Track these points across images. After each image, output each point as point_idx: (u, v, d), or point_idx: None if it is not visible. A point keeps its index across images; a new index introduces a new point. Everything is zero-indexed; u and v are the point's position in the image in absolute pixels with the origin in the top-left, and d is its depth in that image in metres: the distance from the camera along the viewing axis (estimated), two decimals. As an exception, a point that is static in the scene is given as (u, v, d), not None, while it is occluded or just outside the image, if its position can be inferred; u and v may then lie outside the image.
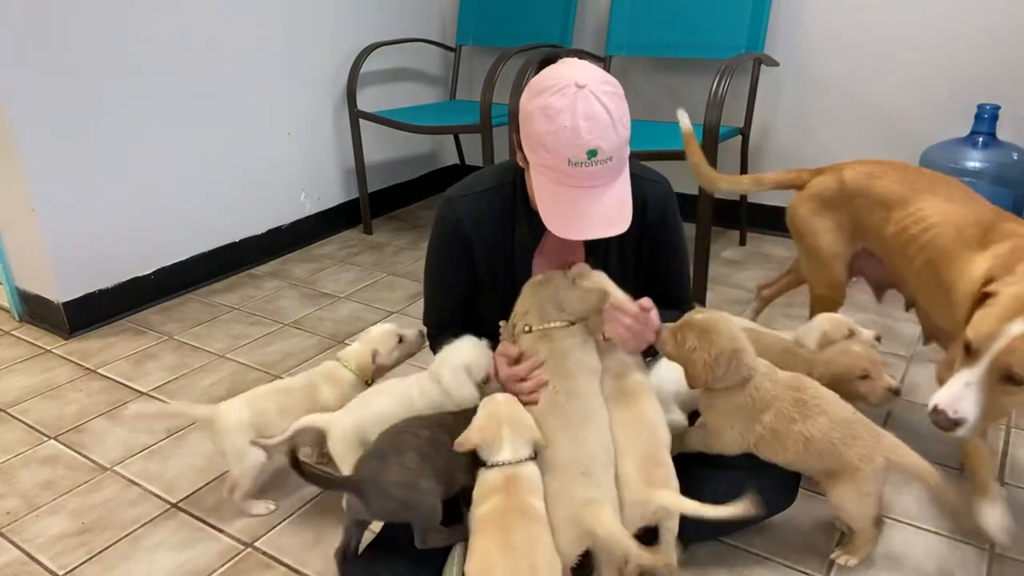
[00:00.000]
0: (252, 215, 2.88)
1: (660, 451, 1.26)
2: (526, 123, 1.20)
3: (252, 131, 2.81)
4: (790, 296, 2.47)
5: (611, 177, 1.20)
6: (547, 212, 1.21)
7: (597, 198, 1.19)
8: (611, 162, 1.18)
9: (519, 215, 1.38)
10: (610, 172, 1.19)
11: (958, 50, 2.49)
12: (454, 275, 1.46)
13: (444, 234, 1.42)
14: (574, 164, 1.16)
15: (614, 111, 1.16)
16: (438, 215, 1.43)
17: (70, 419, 1.94)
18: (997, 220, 1.39)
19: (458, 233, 1.40)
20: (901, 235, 1.52)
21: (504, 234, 1.40)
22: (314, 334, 2.34)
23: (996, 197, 2.36)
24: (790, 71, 2.77)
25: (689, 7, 2.76)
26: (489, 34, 3.26)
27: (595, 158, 1.16)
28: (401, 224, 3.32)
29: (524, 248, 1.41)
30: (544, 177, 1.20)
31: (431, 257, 1.49)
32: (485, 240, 1.41)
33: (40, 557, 1.49)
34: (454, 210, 1.40)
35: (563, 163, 1.16)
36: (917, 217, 1.49)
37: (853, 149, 2.77)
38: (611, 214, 1.20)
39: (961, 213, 1.44)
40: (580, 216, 1.19)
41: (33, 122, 2.19)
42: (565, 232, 1.20)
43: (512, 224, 1.40)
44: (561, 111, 1.14)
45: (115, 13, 2.31)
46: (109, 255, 2.45)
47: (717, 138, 2.26)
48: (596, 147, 1.15)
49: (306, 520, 1.56)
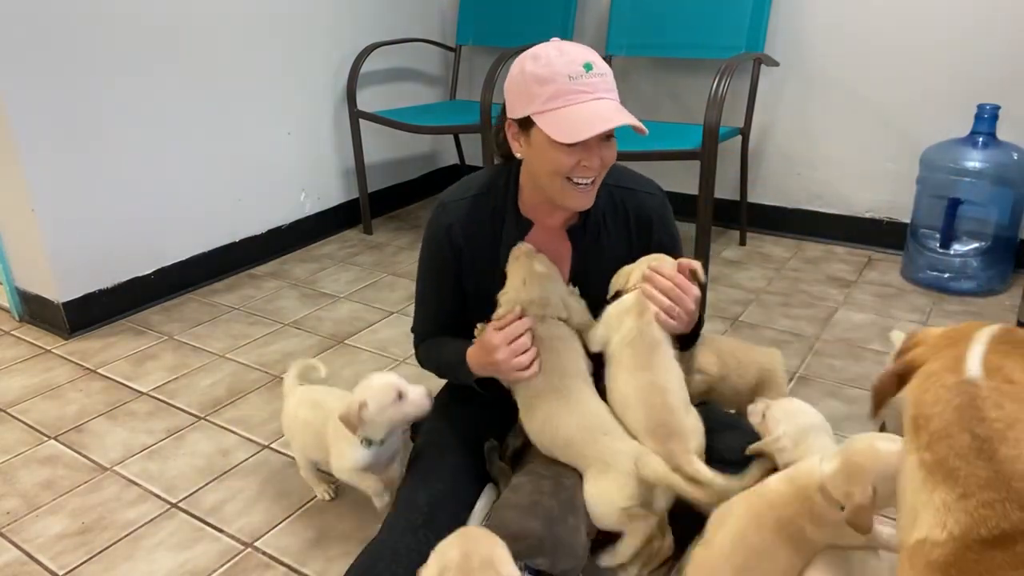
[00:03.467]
0: (252, 215, 2.88)
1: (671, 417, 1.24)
2: (514, 88, 1.25)
3: (252, 131, 2.81)
4: (787, 296, 2.47)
5: (608, 93, 1.22)
6: (560, 132, 1.20)
7: (601, 106, 1.21)
8: (606, 78, 1.22)
9: (508, 215, 1.40)
10: (607, 88, 1.22)
11: (958, 50, 2.49)
12: (441, 282, 1.46)
13: (435, 239, 1.43)
14: (574, 79, 1.20)
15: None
16: (431, 219, 1.44)
17: (70, 419, 1.94)
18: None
19: (448, 239, 1.41)
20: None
21: (493, 236, 1.41)
22: (314, 334, 2.34)
23: (996, 197, 2.36)
24: (790, 71, 2.77)
25: (689, 7, 2.76)
26: (489, 34, 3.26)
27: (592, 71, 1.20)
28: (401, 224, 3.32)
29: (509, 249, 1.41)
30: (549, 117, 1.21)
31: (421, 263, 1.49)
32: (474, 244, 1.41)
33: (40, 557, 1.49)
34: (447, 214, 1.41)
35: (564, 82, 1.20)
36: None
37: (853, 149, 2.78)
38: (609, 114, 1.22)
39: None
40: (583, 122, 1.20)
41: (33, 122, 2.19)
42: (572, 135, 1.20)
43: (501, 225, 1.40)
44: (545, 48, 1.22)
45: (115, 13, 2.31)
46: (109, 255, 2.45)
47: (717, 138, 2.26)
48: (589, 60, 1.21)
49: (306, 520, 1.56)
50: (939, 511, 0.73)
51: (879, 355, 2.08)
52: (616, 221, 1.41)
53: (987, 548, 0.70)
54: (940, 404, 0.76)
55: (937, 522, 0.73)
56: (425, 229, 1.45)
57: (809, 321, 2.29)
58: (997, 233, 2.40)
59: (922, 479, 0.76)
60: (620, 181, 1.41)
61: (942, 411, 0.76)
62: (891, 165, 2.71)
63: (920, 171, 2.48)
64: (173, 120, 2.54)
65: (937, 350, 0.83)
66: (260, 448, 1.80)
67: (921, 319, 2.26)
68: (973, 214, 2.41)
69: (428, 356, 1.52)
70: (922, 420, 0.77)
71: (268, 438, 1.83)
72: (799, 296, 2.47)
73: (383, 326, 2.38)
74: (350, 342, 2.28)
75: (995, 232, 2.40)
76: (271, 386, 2.02)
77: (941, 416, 0.76)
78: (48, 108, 2.21)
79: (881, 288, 2.50)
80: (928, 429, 0.76)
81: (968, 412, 0.75)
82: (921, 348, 0.84)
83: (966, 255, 2.43)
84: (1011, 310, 2.30)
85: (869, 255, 2.79)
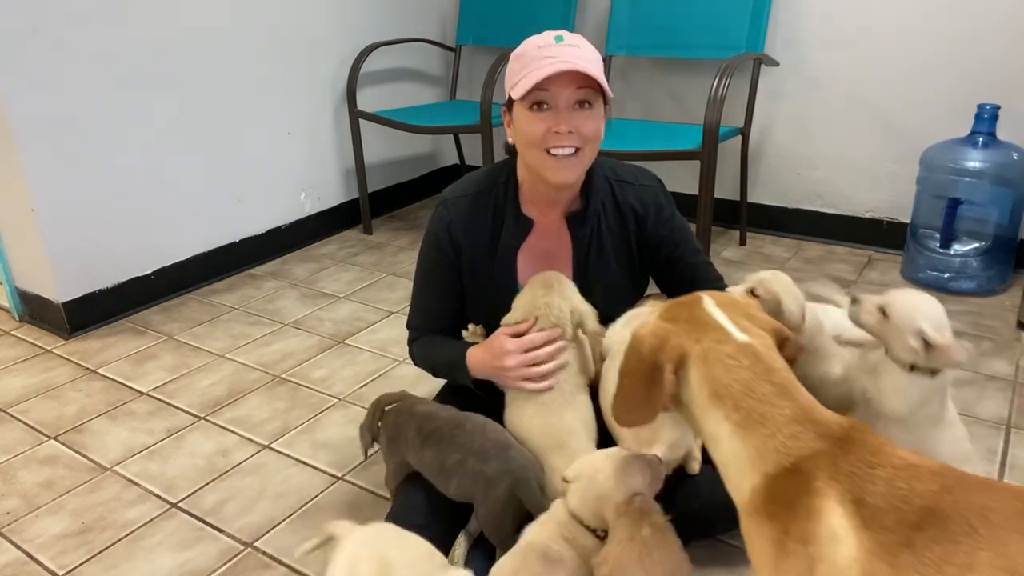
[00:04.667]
0: (252, 215, 2.88)
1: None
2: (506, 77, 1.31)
3: (252, 131, 2.81)
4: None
5: (577, 60, 1.23)
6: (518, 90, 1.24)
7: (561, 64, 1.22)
8: (579, 50, 1.24)
9: (507, 213, 1.40)
10: (577, 56, 1.23)
11: (958, 50, 2.49)
12: (440, 279, 1.46)
13: (435, 236, 1.43)
14: (542, 47, 1.24)
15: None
16: (433, 217, 1.45)
17: (70, 419, 1.94)
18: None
19: (449, 236, 1.41)
20: None
21: (492, 234, 1.41)
22: (314, 334, 2.34)
23: (996, 197, 2.36)
24: (790, 71, 2.77)
25: (689, 7, 2.76)
26: (489, 34, 3.26)
27: (562, 42, 1.25)
28: (401, 224, 3.32)
29: (508, 247, 1.42)
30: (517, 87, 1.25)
31: (420, 260, 1.49)
32: (473, 242, 1.42)
33: (40, 557, 1.49)
34: (448, 211, 1.42)
35: (533, 52, 1.25)
36: None
37: (853, 149, 2.77)
38: (565, 66, 1.22)
39: None
40: (538, 74, 1.22)
41: (33, 122, 2.18)
42: (525, 87, 1.22)
43: (500, 223, 1.40)
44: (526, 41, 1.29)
45: (115, 13, 2.31)
46: (109, 255, 2.45)
47: (717, 138, 2.26)
48: (560, 34, 1.26)
49: (306, 520, 1.56)
50: (753, 458, 0.85)
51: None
52: (615, 214, 1.41)
53: (791, 475, 0.81)
54: (732, 370, 0.88)
55: (755, 468, 0.84)
56: (428, 226, 1.45)
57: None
58: (997, 233, 2.40)
59: (739, 438, 0.86)
60: (619, 175, 1.42)
61: (737, 375, 0.87)
62: (891, 165, 2.71)
63: (920, 171, 2.48)
64: (173, 120, 2.54)
65: (688, 335, 0.91)
66: (260, 448, 1.80)
67: (921, 319, 2.26)
68: (973, 214, 2.41)
69: (423, 354, 1.51)
70: (722, 390, 0.88)
71: (268, 438, 1.83)
72: (799, 296, 2.47)
73: (383, 326, 2.37)
74: (350, 342, 2.28)
75: (995, 232, 2.40)
76: (271, 386, 2.02)
77: (739, 379, 0.87)
78: (48, 108, 2.20)
79: (881, 288, 2.48)
80: (731, 395, 0.87)
81: (759, 367, 0.88)
82: (670, 342, 0.92)
83: (966, 255, 2.43)
84: (1011, 310, 2.30)
85: (869, 255, 2.79)
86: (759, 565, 0.86)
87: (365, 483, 1.66)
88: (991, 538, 0.68)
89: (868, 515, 0.75)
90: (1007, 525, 0.69)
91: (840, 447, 0.81)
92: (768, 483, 0.83)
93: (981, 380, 1.95)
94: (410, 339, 1.54)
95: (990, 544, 0.68)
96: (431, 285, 1.48)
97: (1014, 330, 2.19)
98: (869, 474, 0.78)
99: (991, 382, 1.94)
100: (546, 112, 1.25)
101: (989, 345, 2.11)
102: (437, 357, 1.49)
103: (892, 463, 0.78)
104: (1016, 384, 1.93)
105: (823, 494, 0.79)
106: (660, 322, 0.94)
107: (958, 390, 1.90)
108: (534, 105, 1.26)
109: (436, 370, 1.51)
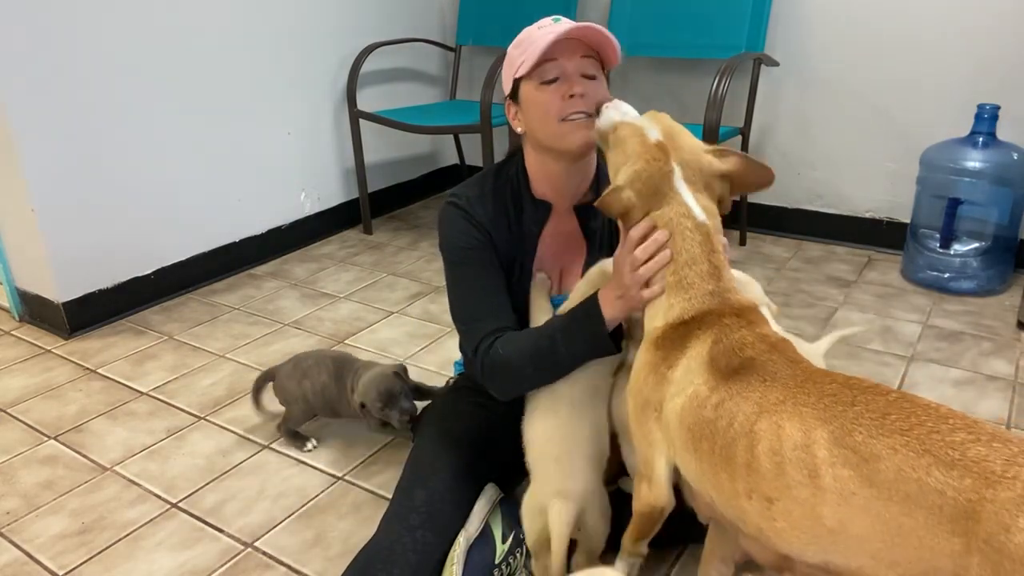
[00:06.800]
0: (252, 215, 2.88)
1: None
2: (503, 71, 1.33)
3: (252, 131, 2.81)
4: (788, 296, 2.47)
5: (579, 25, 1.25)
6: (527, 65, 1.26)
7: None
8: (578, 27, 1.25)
9: (524, 202, 1.38)
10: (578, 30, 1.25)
11: (958, 50, 2.49)
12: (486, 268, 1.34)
13: (458, 228, 1.35)
14: (541, 28, 1.26)
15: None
16: (446, 215, 1.37)
17: (70, 419, 1.94)
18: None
19: (474, 223, 1.35)
20: None
21: (512, 224, 1.38)
22: (314, 334, 2.34)
23: (996, 197, 2.36)
24: (790, 71, 2.77)
25: (689, 7, 2.76)
26: (489, 34, 3.26)
27: (559, 22, 1.26)
28: (401, 224, 3.32)
29: (531, 234, 1.39)
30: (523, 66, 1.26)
31: (453, 264, 1.36)
32: (498, 229, 1.36)
33: (40, 557, 1.49)
34: (463, 203, 1.36)
35: (533, 33, 1.26)
36: None
37: (853, 149, 2.78)
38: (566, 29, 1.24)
39: None
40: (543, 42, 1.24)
41: (33, 122, 2.19)
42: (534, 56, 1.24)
43: (519, 213, 1.38)
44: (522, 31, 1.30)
45: (115, 13, 2.31)
46: (109, 255, 2.45)
47: (717, 138, 2.26)
48: (558, 17, 1.28)
49: (306, 520, 1.56)
50: (667, 310, 1.07)
51: (879, 355, 2.08)
52: None
53: (686, 324, 1.05)
54: (688, 242, 1.07)
55: (664, 317, 1.07)
56: (443, 227, 1.38)
57: (809, 321, 2.29)
58: (997, 233, 2.40)
59: (667, 291, 1.08)
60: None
61: (690, 247, 1.07)
62: (891, 165, 2.71)
63: (920, 171, 2.48)
64: (173, 120, 2.54)
65: (651, 197, 1.10)
66: (260, 448, 1.80)
67: (921, 319, 2.26)
68: (973, 214, 2.41)
69: (511, 351, 1.26)
70: (674, 255, 1.07)
71: (268, 438, 1.83)
72: (799, 296, 2.47)
73: (383, 326, 2.38)
74: (350, 342, 2.28)
75: (995, 232, 2.40)
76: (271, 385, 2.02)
77: (689, 251, 1.07)
78: (48, 109, 2.21)
79: (881, 288, 2.50)
80: (678, 261, 1.07)
81: (707, 246, 1.07)
82: (640, 207, 1.11)
83: (966, 255, 2.43)
84: (1011, 310, 2.30)
85: (869, 255, 2.79)
86: (633, 379, 1.10)
87: (365, 483, 1.66)
88: (772, 387, 0.93)
89: (714, 356, 0.99)
90: (787, 384, 0.92)
91: (730, 313, 1.03)
92: (668, 327, 1.06)
93: (981, 380, 1.95)
94: (482, 352, 1.29)
95: (768, 390, 0.93)
96: (478, 280, 1.34)
97: (1014, 330, 2.19)
98: (733, 332, 1.01)
99: (991, 382, 1.94)
100: (557, 83, 1.26)
101: (989, 345, 2.11)
102: (539, 333, 1.26)
103: (755, 331, 1.01)
104: (1016, 384, 1.93)
105: (699, 339, 1.02)
106: (625, 188, 1.10)
107: (958, 390, 1.90)
108: (543, 83, 1.26)
109: (538, 360, 1.25)
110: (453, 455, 1.39)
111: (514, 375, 1.28)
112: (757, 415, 0.91)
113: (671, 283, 1.07)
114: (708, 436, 0.95)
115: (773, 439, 0.88)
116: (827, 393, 0.88)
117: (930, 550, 0.76)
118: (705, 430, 0.96)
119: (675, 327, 1.05)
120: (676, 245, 1.07)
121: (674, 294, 1.07)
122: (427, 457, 1.41)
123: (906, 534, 0.77)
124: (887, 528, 0.79)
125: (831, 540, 0.84)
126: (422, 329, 2.34)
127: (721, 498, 0.96)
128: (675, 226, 1.07)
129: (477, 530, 1.32)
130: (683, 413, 0.99)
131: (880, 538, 0.79)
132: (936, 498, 0.76)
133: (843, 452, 0.82)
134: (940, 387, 1.92)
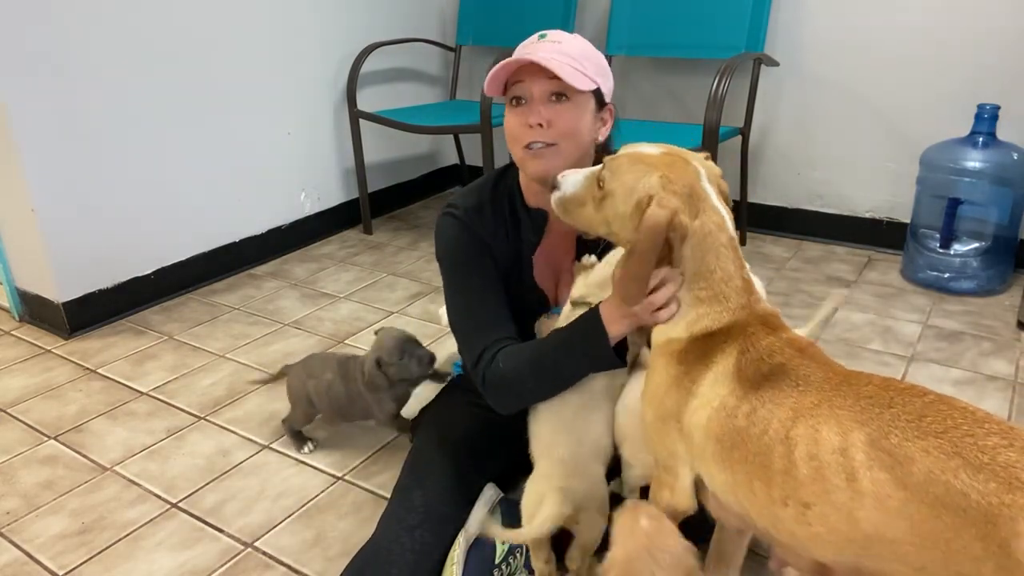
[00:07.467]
0: (252, 215, 2.88)
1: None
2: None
3: (252, 131, 2.81)
4: (788, 296, 2.47)
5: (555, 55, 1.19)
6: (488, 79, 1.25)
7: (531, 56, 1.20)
8: (560, 46, 1.21)
9: (521, 212, 1.38)
10: (557, 51, 1.20)
11: (958, 50, 2.49)
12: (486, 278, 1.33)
13: (457, 238, 1.35)
14: (524, 45, 1.25)
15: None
16: (444, 225, 1.37)
17: (70, 419, 1.94)
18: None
19: (473, 234, 1.35)
20: None
21: (510, 233, 1.38)
22: (314, 334, 2.34)
23: (996, 197, 2.36)
24: (790, 71, 2.77)
25: (689, 7, 2.76)
26: (489, 34, 3.26)
27: (545, 39, 1.23)
28: (401, 224, 3.32)
29: (529, 244, 1.38)
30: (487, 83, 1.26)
31: (453, 275, 1.36)
32: (497, 243, 1.36)
33: (40, 557, 1.49)
34: (460, 214, 1.36)
35: (516, 50, 1.24)
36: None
37: (853, 149, 2.78)
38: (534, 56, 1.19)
39: None
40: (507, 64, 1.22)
41: (33, 122, 2.19)
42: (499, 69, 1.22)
43: (517, 222, 1.38)
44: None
45: (115, 13, 2.31)
46: (109, 255, 2.45)
47: (717, 138, 2.26)
48: (545, 33, 1.25)
49: (306, 520, 1.56)
50: (692, 321, 1.04)
51: (879, 355, 2.08)
52: None
53: (712, 336, 1.02)
54: (722, 260, 1.03)
55: (687, 328, 1.04)
56: (442, 239, 1.37)
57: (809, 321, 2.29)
58: (997, 233, 2.40)
59: (692, 304, 1.04)
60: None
61: (725, 265, 1.03)
62: (891, 165, 2.71)
63: (920, 171, 2.48)
64: (173, 120, 2.54)
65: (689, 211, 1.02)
66: (260, 448, 1.80)
67: (921, 319, 2.26)
68: (973, 214, 2.41)
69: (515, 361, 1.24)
70: (707, 273, 1.03)
71: (268, 438, 1.83)
72: (799, 296, 2.47)
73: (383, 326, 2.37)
74: (350, 342, 2.28)
75: (995, 232, 2.40)
76: (271, 386, 2.02)
77: (724, 269, 1.03)
78: (48, 108, 2.21)
79: (881, 288, 2.50)
80: (711, 279, 1.03)
81: (738, 263, 1.04)
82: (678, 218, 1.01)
83: (966, 255, 2.43)
84: (1011, 310, 2.30)
85: (869, 255, 2.79)
86: (649, 391, 1.08)
87: (365, 483, 1.66)
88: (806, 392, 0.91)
89: (741, 366, 0.98)
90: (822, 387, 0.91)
91: (756, 321, 1.01)
92: (692, 340, 1.03)
93: (981, 380, 1.95)
94: (484, 368, 1.26)
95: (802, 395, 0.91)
96: (479, 289, 1.33)
97: (1014, 330, 2.19)
98: (760, 340, 0.99)
99: (991, 382, 1.94)
100: (522, 107, 1.24)
101: (989, 345, 2.11)
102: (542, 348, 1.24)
103: (782, 336, 1.00)
104: (1016, 384, 1.93)
105: (724, 351, 1.00)
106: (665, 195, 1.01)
107: (958, 390, 1.90)
108: (512, 100, 1.25)
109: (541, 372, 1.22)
110: (452, 456, 1.39)
111: (516, 390, 1.26)
112: (793, 420, 0.90)
113: (702, 297, 1.03)
114: (740, 445, 0.94)
115: (810, 443, 0.87)
116: (864, 395, 0.87)
117: (956, 553, 0.75)
118: (736, 439, 0.94)
119: (699, 339, 1.03)
120: (710, 264, 1.02)
121: (703, 306, 1.03)
122: (426, 457, 1.41)
123: (934, 537, 0.77)
124: (917, 531, 0.78)
125: (866, 544, 0.82)
126: (422, 329, 2.34)
127: (755, 507, 0.94)
128: (708, 245, 1.02)
129: (477, 530, 1.32)
130: (709, 425, 0.97)
131: (910, 540, 0.79)
132: (961, 500, 0.75)
133: (879, 455, 0.81)
134: (940, 387, 1.92)
